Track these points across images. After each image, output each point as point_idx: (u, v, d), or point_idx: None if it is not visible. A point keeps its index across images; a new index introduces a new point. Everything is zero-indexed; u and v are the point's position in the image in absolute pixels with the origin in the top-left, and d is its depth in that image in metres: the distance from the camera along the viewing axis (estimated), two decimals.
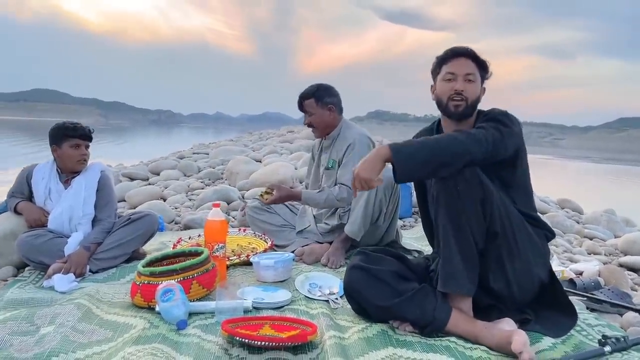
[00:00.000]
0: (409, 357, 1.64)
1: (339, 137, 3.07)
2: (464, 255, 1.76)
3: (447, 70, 1.96)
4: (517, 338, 1.60)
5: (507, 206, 1.80)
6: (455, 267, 1.76)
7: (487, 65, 1.98)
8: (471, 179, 1.73)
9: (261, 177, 4.95)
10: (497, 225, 1.76)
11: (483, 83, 1.99)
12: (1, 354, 1.67)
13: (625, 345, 1.63)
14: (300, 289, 2.31)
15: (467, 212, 1.74)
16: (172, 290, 1.92)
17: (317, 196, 2.92)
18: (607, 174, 20.39)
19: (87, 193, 2.75)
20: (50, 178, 2.78)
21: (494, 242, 1.78)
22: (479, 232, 1.76)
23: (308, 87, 3.07)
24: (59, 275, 2.40)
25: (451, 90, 1.93)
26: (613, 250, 3.69)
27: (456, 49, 1.98)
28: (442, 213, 1.78)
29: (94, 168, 2.84)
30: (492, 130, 1.78)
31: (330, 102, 3.03)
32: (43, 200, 2.76)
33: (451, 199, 1.75)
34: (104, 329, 1.87)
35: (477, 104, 1.97)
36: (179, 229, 3.81)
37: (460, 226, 1.75)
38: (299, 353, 1.67)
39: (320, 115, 3.02)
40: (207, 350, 1.65)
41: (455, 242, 1.76)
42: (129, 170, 6.58)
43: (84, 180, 2.77)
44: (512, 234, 1.79)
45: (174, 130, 79.51)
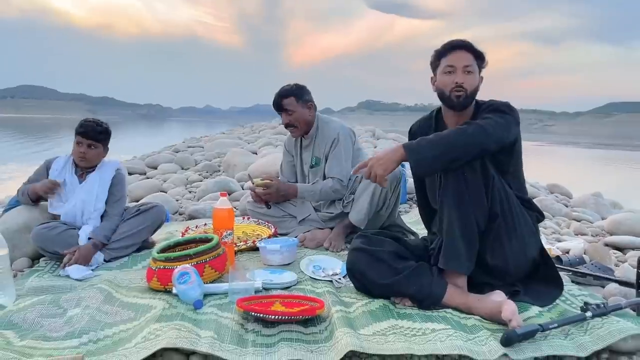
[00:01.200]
0: (409, 327, 1.79)
1: (317, 134, 3.14)
2: (466, 237, 1.92)
3: (447, 63, 2.08)
4: (506, 307, 1.77)
5: (506, 189, 1.97)
6: (458, 247, 1.92)
7: (484, 55, 2.11)
8: (476, 166, 1.89)
9: (259, 168, 5.08)
10: (497, 207, 1.92)
11: (480, 72, 2.12)
12: (35, 334, 1.81)
13: (605, 310, 1.79)
14: (305, 270, 2.46)
15: (472, 196, 1.90)
16: (188, 273, 2.06)
17: (313, 187, 3.04)
18: (597, 159, 20.67)
19: (100, 189, 2.84)
20: (65, 170, 2.87)
21: (493, 223, 1.94)
22: (482, 215, 1.92)
23: (284, 86, 3.10)
24: (74, 266, 2.52)
25: (452, 82, 2.05)
26: (600, 231, 3.84)
27: (454, 42, 2.11)
28: (448, 197, 1.92)
29: (110, 165, 2.93)
30: (498, 120, 1.93)
31: (309, 99, 3.09)
32: (58, 190, 2.86)
33: (458, 184, 1.89)
34: (126, 310, 2.02)
35: (476, 93, 2.11)
36: (183, 219, 3.94)
37: (465, 210, 1.90)
38: (309, 326, 1.83)
39: (301, 113, 3.07)
40: (225, 326, 1.80)
41: (459, 224, 1.91)
42: (125, 165, 6.66)
43: (99, 177, 2.86)
44: (510, 214, 1.95)
45: (164, 125, 79.00)
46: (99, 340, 1.76)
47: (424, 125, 2.30)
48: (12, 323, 1.89)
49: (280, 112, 3.09)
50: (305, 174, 3.25)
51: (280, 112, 3.09)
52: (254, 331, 1.78)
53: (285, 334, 1.75)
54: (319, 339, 1.73)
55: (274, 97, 3.10)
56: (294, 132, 3.15)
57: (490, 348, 1.62)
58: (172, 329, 1.70)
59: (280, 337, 1.73)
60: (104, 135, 2.86)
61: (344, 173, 3.01)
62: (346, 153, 3.05)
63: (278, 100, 3.07)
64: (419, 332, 1.75)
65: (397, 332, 1.75)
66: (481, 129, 1.88)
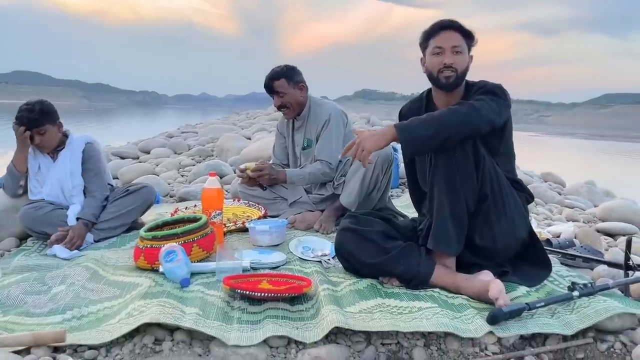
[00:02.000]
0: (395, 305, 1.79)
1: (310, 115, 3.12)
2: (456, 218, 1.90)
3: (435, 44, 2.05)
4: (494, 286, 1.76)
5: (496, 169, 1.95)
6: (447, 228, 1.91)
7: (473, 34, 2.08)
8: (467, 146, 1.87)
9: (252, 152, 5.05)
10: (487, 187, 1.91)
11: (470, 51, 2.09)
12: (18, 310, 1.80)
13: (592, 290, 1.79)
14: (294, 251, 2.45)
15: (462, 177, 1.88)
16: (175, 252, 2.04)
17: (301, 172, 3.02)
18: (592, 150, 20.73)
19: (73, 165, 2.80)
20: (36, 153, 2.82)
21: (483, 203, 1.93)
22: (472, 196, 1.91)
23: (275, 68, 3.07)
24: (60, 246, 2.50)
25: (441, 64, 2.03)
26: (591, 218, 3.85)
27: (442, 22, 2.08)
28: (439, 178, 1.90)
29: (79, 140, 2.88)
30: (490, 102, 1.91)
31: (300, 80, 3.06)
32: (35, 173, 2.82)
33: (448, 165, 1.88)
34: (112, 288, 2.00)
35: (466, 73, 2.08)
36: (174, 201, 3.92)
37: (455, 190, 1.89)
38: (296, 304, 1.82)
39: (293, 95, 3.04)
40: (211, 303, 1.79)
41: (449, 204, 1.89)
42: (118, 150, 6.61)
43: (69, 152, 2.82)
44: (500, 195, 1.94)
45: (160, 112, 78.67)
46: (82, 317, 1.75)
47: (414, 107, 2.28)
48: None
49: (272, 95, 3.06)
50: (297, 155, 3.23)
51: (272, 94, 3.06)
52: (240, 309, 1.77)
53: (271, 312, 1.74)
54: (305, 317, 1.73)
55: (265, 79, 3.06)
56: (287, 113, 3.13)
57: (476, 326, 1.62)
58: (157, 306, 1.69)
59: (266, 314, 1.72)
60: (44, 116, 2.71)
61: (333, 155, 2.99)
62: (337, 135, 3.03)
63: (269, 83, 3.04)
64: (405, 310, 1.74)
65: (384, 310, 1.74)
66: (474, 110, 1.86)
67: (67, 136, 2.87)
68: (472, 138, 1.88)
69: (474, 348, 1.63)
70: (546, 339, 1.69)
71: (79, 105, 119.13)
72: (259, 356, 1.52)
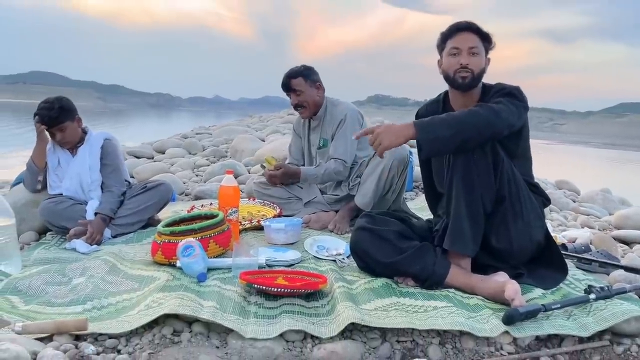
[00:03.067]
0: (411, 304, 1.79)
1: (326, 115, 3.14)
2: (472, 219, 1.90)
3: (452, 45, 2.06)
4: (509, 286, 1.76)
5: (514, 172, 1.95)
6: (464, 229, 1.90)
7: (490, 37, 2.09)
8: (486, 148, 1.87)
9: (266, 153, 5.07)
10: (504, 189, 1.91)
11: (487, 54, 2.10)
12: (40, 299, 1.84)
13: (608, 293, 1.78)
14: (309, 250, 2.47)
15: (480, 178, 1.88)
16: (192, 247, 2.07)
17: (316, 170, 3.04)
18: (607, 159, 20.51)
19: (92, 160, 2.85)
20: (55, 148, 2.87)
21: (501, 205, 1.93)
22: (489, 197, 1.91)
23: (292, 67, 3.11)
24: (80, 240, 2.54)
25: (457, 64, 2.04)
26: (607, 226, 3.81)
27: (459, 24, 2.09)
28: (457, 178, 1.89)
29: (98, 136, 2.93)
30: (509, 105, 1.91)
31: (317, 79, 3.10)
32: (54, 167, 2.87)
33: (467, 165, 1.87)
34: (130, 281, 2.04)
35: (482, 74, 2.09)
36: (189, 199, 3.96)
37: (473, 191, 1.88)
38: (311, 300, 1.84)
39: (309, 94, 3.07)
40: (228, 297, 1.81)
41: (466, 205, 1.89)
42: (133, 149, 6.69)
43: (88, 148, 2.87)
44: (517, 197, 1.93)
45: (173, 114, 79.26)
46: (102, 308, 1.78)
47: (431, 109, 2.28)
48: (17, 289, 1.92)
49: (289, 93, 3.10)
50: (312, 155, 3.25)
51: (288, 92, 3.10)
52: (256, 303, 1.79)
53: (287, 307, 1.76)
54: (321, 313, 1.74)
55: (283, 78, 3.10)
56: (303, 112, 3.16)
57: (492, 326, 1.62)
58: (175, 298, 1.72)
59: (282, 309, 1.74)
60: (63, 113, 2.76)
61: (347, 154, 3.01)
62: (352, 134, 3.05)
63: (286, 81, 3.08)
64: (420, 309, 1.75)
65: (399, 308, 1.75)
66: (493, 112, 1.86)
67: (86, 132, 2.92)
68: (492, 140, 1.88)
69: (489, 347, 1.63)
70: (562, 341, 1.68)
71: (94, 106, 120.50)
72: (275, 349, 1.54)
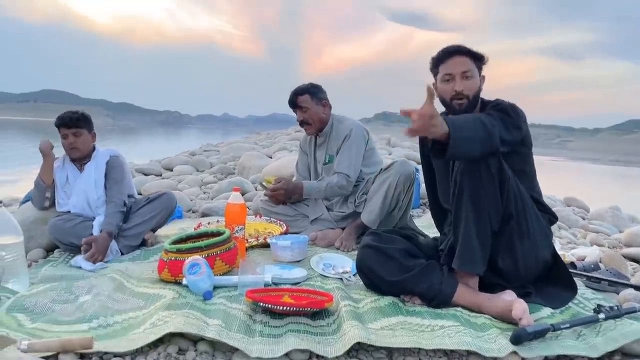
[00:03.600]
0: (417, 323, 1.78)
1: (332, 132, 3.17)
2: (481, 238, 1.88)
3: (444, 71, 2.07)
4: (517, 306, 1.74)
5: (521, 190, 1.92)
6: (473, 248, 1.88)
7: (482, 56, 2.09)
8: (493, 164, 1.84)
9: (273, 170, 5.10)
10: (511, 208, 1.88)
11: (481, 72, 2.10)
12: (46, 317, 1.84)
13: (618, 313, 1.76)
14: (315, 267, 2.46)
15: (487, 196, 1.85)
16: (199, 264, 2.07)
17: (318, 184, 3.05)
18: (616, 176, 20.36)
19: (97, 176, 2.88)
20: (64, 165, 2.92)
21: (507, 224, 1.90)
22: (496, 216, 1.88)
23: (300, 85, 3.15)
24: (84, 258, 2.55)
25: (452, 91, 2.05)
26: (617, 244, 3.77)
27: (448, 48, 2.09)
28: (465, 196, 1.86)
29: (103, 153, 2.98)
30: (498, 119, 1.85)
31: (323, 97, 3.13)
32: (62, 184, 2.90)
33: (474, 183, 1.84)
34: (136, 299, 2.03)
35: (478, 95, 2.08)
36: (196, 216, 3.96)
37: (481, 210, 1.86)
38: (317, 319, 1.82)
39: (315, 111, 3.11)
40: (234, 316, 1.80)
41: (475, 224, 1.86)
42: (142, 166, 6.72)
43: (94, 164, 2.91)
44: (524, 216, 1.91)
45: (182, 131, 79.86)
46: (108, 326, 1.77)
47: None
48: (24, 307, 1.92)
49: (295, 110, 3.14)
50: (318, 172, 3.26)
51: (295, 109, 3.14)
52: (262, 322, 1.78)
53: (292, 326, 1.74)
54: (327, 332, 1.73)
55: (290, 95, 3.16)
56: (308, 129, 3.18)
57: (499, 345, 1.60)
58: (181, 316, 1.71)
59: (288, 328, 1.73)
60: (83, 120, 2.87)
61: (351, 168, 3.02)
62: (357, 149, 3.06)
63: (293, 98, 3.12)
64: (427, 328, 1.74)
65: (406, 328, 1.74)
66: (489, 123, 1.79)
67: (94, 149, 2.97)
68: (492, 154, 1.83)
69: None
70: None
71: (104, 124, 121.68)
72: None
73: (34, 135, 32.85)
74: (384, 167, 2.99)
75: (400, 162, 2.93)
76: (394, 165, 2.89)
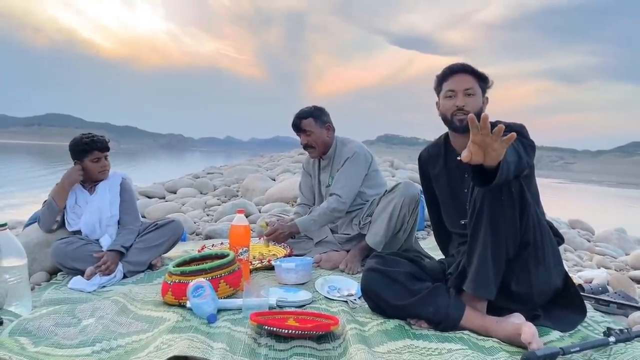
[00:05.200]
0: (425, 347, 1.75)
1: (335, 155, 3.17)
2: (496, 263, 1.84)
3: (448, 87, 2.09)
4: (526, 329, 1.72)
5: (539, 217, 1.90)
6: (488, 273, 1.84)
7: (487, 77, 2.10)
8: (515, 190, 1.81)
9: (277, 192, 5.10)
10: (530, 235, 1.85)
11: (485, 94, 2.11)
12: (49, 341, 1.82)
13: (628, 336, 1.73)
14: (320, 290, 2.44)
15: (506, 221, 1.81)
16: (203, 287, 2.06)
17: (311, 217, 3.00)
18: (620, 198, 20.29)
19: (112, 196, 2.93)
20: (75, 187, 2.93)
21: (524, 251, 1.87)
22: (513, 242, 1.85)
23: (303, 108, 3.16)
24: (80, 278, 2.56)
25: (453, 106, 2.06)
26: (623, 266, 3.74)
27: (453, 66, 2.12)
28: (484, 220, 1.82)
29: (116, 175, 3.03)
30: (523, 144, 1.85)
31: (327, 120, 3.14)
32: (72, 206, 2.91)
33: (495, 208, 1.81)
34: (140, 322, 2.01)
35: (480, 114, 2.09)
36: (200, 239, 3.95)
37: (499, 234, 1.82)
38: (323, 342, 1.80)
39: (319, 135, 3.11)
40: (238, 339, 1.78)
41: (492, 249, 1.83)
42: (145, 189, 6.74)
43: (108, 185, 2.95)
44: (541, 243, 1.88)
45: (186, 154, 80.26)
46: (111, 350, 1.75)
47: (433, 152, 2.29)
48: (26, 330, 1.90)
49: (299, 133, 3.13)
50: (322, 194, 3.26)
51: (299, 133, 3.14)
52: (267, 345, 1.76)
53: (298, 349, 1.72)
54: (333, 355, 1.70)
55: (293, 118, 3.15)
56: (312, 152, 3.19)
57: None
58: (185, 340, 1.69)
59: (293, 352, 1.71)
60: (108, 145, 2.98)
61: (345, 189, 2.99)
62: (355, 171, 3.04)
63: (297, 122, 3.13)
64: (435, 351, 1.71)
65: (413, 351, 1.71)
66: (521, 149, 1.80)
67: None
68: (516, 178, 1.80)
69: None
70: None
71: None
72: None
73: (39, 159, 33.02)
74: (389, 189, 2.98)
75: (405, 183, 2.92)
76: (399, 187, 2.89)
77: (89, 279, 2.55)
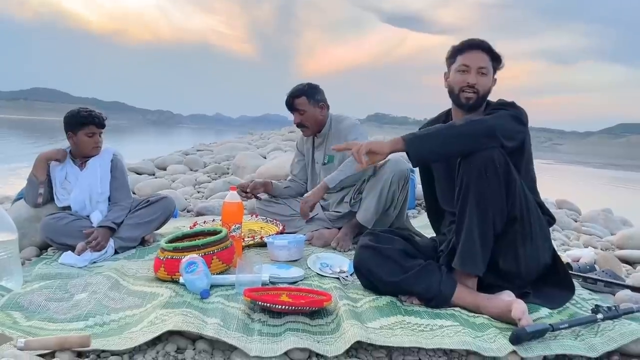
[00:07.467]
0: (416, 323, 1.77)
1: (330, 132, 3.15)
2: (483, 239, 1.86)
3: (462, 62, 2.07)
4: (516, 306, 1.74)
5: (526, 193, 1.92)
6: (475, 249, 1.87)
7: (501, 58, 2.10)
8: (500, 166, 1.82)
9: (268, 170, 5.08)
10: (516, 210, 1.87)
11: (495, 74, 2.11)
12: (41, 315, 1.82)
13: (616, 313, 1.77)
14: (312, 267, 2.45)
15: (493, 198, 1.83)
16: (196, 263, 2.06)
17: (338, 171, 2.97)
18: (606, 179, 20.51)
19: (103, 172, 2.90)
20: (65, 162, 2.91)
21: (512, 227, 1.89)
22: (500, 219, 1.87)
23: (297, 85, 3.12)
24: (71, 253, 2.55)
25: (464, 82, 2.05)
26: (609, 246, 3.80)
27: (472, 41, 2.10)
28: (470, 197, 1.85)
29: (107, 151, 2.99)
30: (505, 115, 1.91)
31: (320, 99, 3.10)
32: (61, 182, 2.89)
33: (479, 183, 1.83)
34: (132, 297, 2.02)
35: (487, 95, 2.09)
36: (191, 216, 3.94)
37: (485, 211, 1.84)
38: (316, 318, 1.81)
39: (312, 113, 3.08)
40: (232, 314, 1.79)
41: (478, 225, 1.85)
42: (134, 165, 6.68)
43: (99, 161, 2.92)
44: (528, 219, 1.90)
45: (174, 131, 79.58)
46: (104, 324, 1.76)
47: (435, 124, 2.29)
48: (19, 305, 1.90)
49: (292, 112, 3.10)
50: (317, 172, 3.25)
51: (292, 111, 3.11)
52: (260, 321, 1.77)
53: (291, 325, 1.74)
54: (326, 331, 1.72)
55: (287, 96, 3.11)
56: (305, 131, 3.17)
57: (499, 345, 1.60)
58: (179, 315, 1.70)
59: (287, 327, 1.72)
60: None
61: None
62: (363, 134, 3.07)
63: (290, 100, 3.09)
64: (426, 327, 1.73)
65: (405, 327, 1.73)
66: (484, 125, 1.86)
67: None
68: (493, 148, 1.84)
69: None
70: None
71: None
72: None
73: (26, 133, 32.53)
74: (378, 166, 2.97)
75: (394, 160, 2.90)
76: (388, 164, 2.88)
77: (80, 254, 2.54)
